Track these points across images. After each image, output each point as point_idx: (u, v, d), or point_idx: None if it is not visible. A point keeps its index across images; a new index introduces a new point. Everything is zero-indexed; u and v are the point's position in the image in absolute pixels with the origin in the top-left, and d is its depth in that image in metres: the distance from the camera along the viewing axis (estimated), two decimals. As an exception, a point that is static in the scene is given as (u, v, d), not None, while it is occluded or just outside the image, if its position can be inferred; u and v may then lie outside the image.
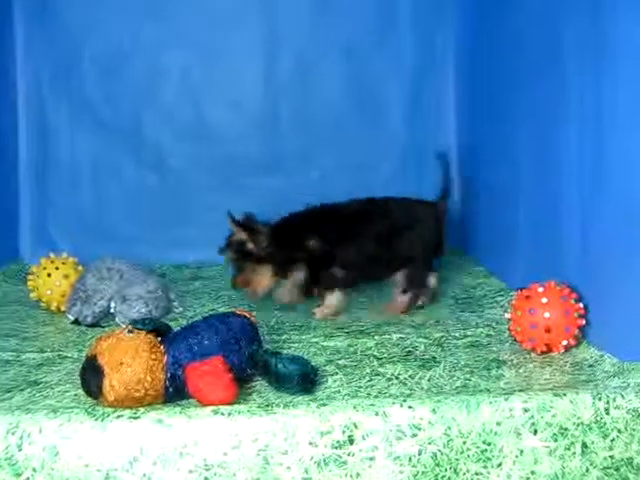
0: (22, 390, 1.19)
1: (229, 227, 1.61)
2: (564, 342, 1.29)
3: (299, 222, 1.65)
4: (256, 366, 1.19)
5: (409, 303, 1.63)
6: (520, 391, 1.11)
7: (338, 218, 1.64)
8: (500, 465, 1.05)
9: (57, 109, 2.17)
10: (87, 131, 2.17)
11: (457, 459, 1.05)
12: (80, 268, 1.69)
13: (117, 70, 2.16)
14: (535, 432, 1.06)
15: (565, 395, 1.08)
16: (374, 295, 1.73)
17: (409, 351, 1.36)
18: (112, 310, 1.57)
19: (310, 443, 1.03)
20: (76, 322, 1.57)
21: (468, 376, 1.22)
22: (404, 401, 1.06)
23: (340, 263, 1.61)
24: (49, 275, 1.66)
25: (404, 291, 1.64)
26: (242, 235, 1.61)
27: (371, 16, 2.20)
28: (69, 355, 1.37)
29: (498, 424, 1.05)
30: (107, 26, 2.15)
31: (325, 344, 1.41)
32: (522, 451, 1.05)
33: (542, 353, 1.29)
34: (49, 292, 1.65)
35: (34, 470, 1.02)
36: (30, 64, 2.15)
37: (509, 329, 1.36)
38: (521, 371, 1.24)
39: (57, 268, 1.67)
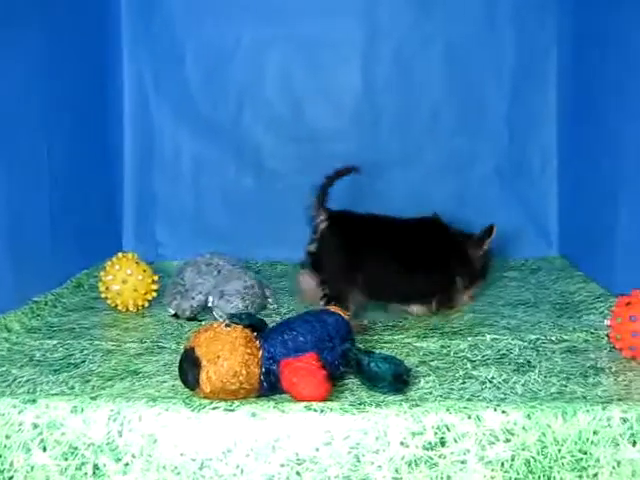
0: (123, 379, 1.24)
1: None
2: (667, 351, 1.25)
3: None
4: (349, 364, 1.20)
5: None
6: (619, 400, 1.08)
7: None
8: (596, 475, 1.03)
9: (160, 108, 2.21)
10: (189, 130, 2.22)
11: (551, 467, 1.03)
12: (141, 264, 1.67)
13: (219, 69, 2.20)
14: (634, 443, 1.03)
15: (667, 406, 1.04)
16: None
17: (503, 354, 1.34)
18: (210, 304, 1.60)
19: (401, 443, 1.03)
20: (175, 316, 1.61)
21: (564, 382, 1.19)
22: (498, 405, 1.05)
23: None
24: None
25: None
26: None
27: (472, 13, 2.16)
28: (167, 346, 1.41)
29: (595, 433, 1.03)
30: (209, 25, 2.19)
31: (418, 345, 1.40)
32: (619, 462, 1.03)
33: (643, 362, 1.26)
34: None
35: (133, 456, 1.05)
36: (135, 64, 2.21)
37: (608, 336, 1.33)
38: (620, 379, 1.20)
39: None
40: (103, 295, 1.66)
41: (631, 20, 1.60)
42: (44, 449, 1.06)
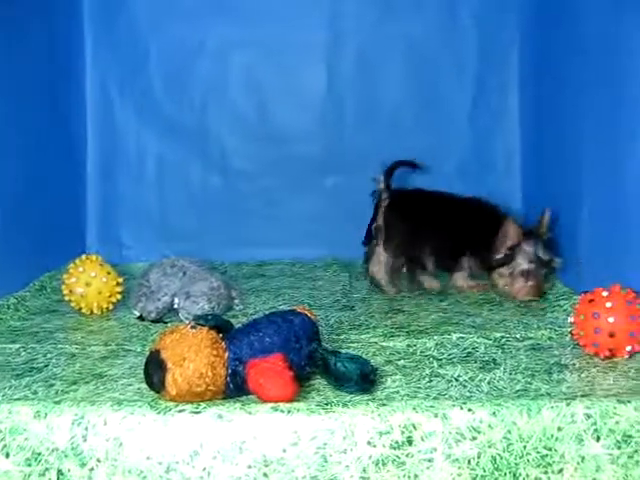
0: (87, 382, 1.22)
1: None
2: (628, 347, 1.26)
3: None
4: (315, 364, 1.20)
5: None
6: (582, 396, 1.09)
7: None
8: (561, 471, 1.03)
9: (124, 109, 2.20)
10: (153, 131, 2.20)
11: (517, 463, 1.03)
12: (105, 266, 1.66)
13: (183, 70, 2.19)
14: (598, 439, 1.04)
15: (629, 402, 1.05)
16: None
17: (469, 352, 1.35)
18: (175, 306, 1.59)
19: (369, 443, 1.03)
20: (141, 318, 1.60)
21: (529, 379, 1.20)
22: (464, 403, 1.06)
23: None
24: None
25: None
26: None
27: (434, 12, 2.18)
28: (133, 349, 1.40)
29: (559, 429, 1.04)
30: (173, 26, 2.18)
31: (384, 344, 1.41)
32: (584, 458, 1.04)
33: (606, 358, 1.27)
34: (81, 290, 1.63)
35: (98, 461, 1.04)
36: (98, 65, 2.19)
37: (572, 333, 1.34)
38: (583, 376, 1.22)
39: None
40: (67, 298, 1.64)
41: (591, 20, 1.63)
42: (7, 455, 1.04)
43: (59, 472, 1.04)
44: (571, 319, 1.33)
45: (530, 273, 1.68)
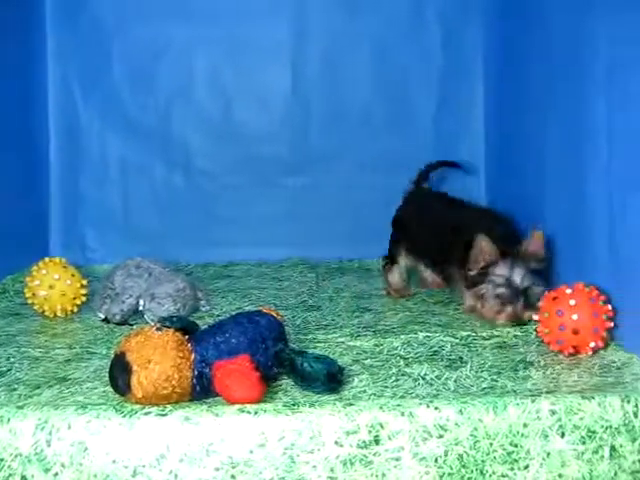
0: (51, 386, 1.20)
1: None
2: (592, 344, 1.27)
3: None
4: (282, 365, 1.19)
5: None
6: (547, 393, 1.10)
7: None
8: (527, 467, 1.04)
9: (87, 109, 2.18)
10: (117, 131, 2.19)
11: (483, 460, 1.04)
12: (69, 268, 1.63)
13: (147, 69, 2.18)
14: (562, 435, 1.05)
15: (593, 398, 1.07)
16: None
17: (436, 351, 1.36)
18: (141, 308, 1.58)
19: (336, 442, 1.03)
20: (105, 320, 1.58)
21: (495, 377, 1.21)
22: (430, 402, 1.06)
23: None
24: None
25: None
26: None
27: (400, 13, 2.19)
28: (97, 352, 1.38)
29: (525, 426, 1.05)
30: (136, 25, 2.16)
31: (351, 344, 1.41)
32: (549, 454, 1.05)
33: (570, 355, 1.28)
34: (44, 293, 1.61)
35: (62, 466, 1.03)
36: (60, 64, 2.17)
37: (537, 330, 1.36)
38: (548, 373, 1.23)
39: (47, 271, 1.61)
40: (30, 301, 1.62)
41: (556, 21, 1.64)
42: (-31, 461, 1.03)
43: (23, 478, 1.02)
44: (535, 317, 1.34)
45: (500, 298, 1.50)
